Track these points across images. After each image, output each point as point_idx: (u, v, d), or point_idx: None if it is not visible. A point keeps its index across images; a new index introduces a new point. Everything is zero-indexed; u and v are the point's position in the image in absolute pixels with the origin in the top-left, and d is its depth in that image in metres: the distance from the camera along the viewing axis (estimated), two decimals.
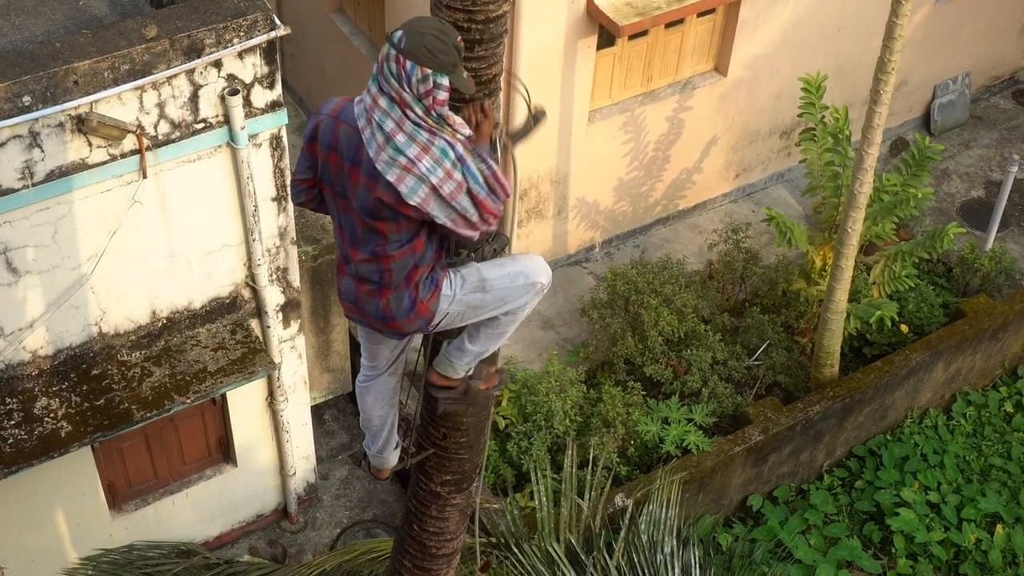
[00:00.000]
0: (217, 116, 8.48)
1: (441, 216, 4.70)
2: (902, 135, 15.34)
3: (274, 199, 9.22)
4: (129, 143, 8.21)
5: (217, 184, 8.83)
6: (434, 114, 4.57)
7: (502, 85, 5.05)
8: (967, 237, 13.76)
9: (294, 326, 10.10)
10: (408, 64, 4.49)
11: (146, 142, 8.24)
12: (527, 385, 11.17)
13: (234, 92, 8.37)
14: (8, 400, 8.81)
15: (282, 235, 9.48)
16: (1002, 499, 11.97)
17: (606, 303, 12.01)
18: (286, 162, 9.10)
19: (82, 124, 7.87)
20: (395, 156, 4.59)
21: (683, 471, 10.66)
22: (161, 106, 8.18)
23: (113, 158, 8.20)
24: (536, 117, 5.26)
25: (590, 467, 9.87)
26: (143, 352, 9.27)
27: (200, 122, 8.43)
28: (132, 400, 8.97)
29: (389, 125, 4.60)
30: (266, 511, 11.33)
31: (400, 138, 4.59)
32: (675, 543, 9.48)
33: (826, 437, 11.89)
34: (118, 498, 10.31)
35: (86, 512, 10.02)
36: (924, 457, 12.27)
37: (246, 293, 9.58)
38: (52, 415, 8.80)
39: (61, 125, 7.84)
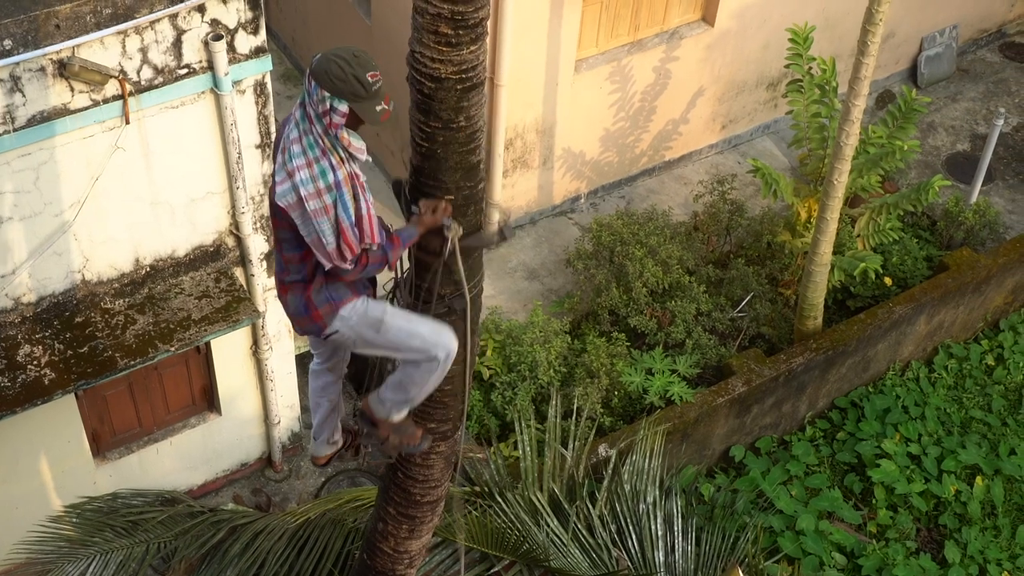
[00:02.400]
0: (200, 62, 8.40)
1: (302, 230, 4.97)
2: (888, 87, 15.31)
3: (258, 146, 9.16)
4: (112, 88, 8.14)
5: (201, 131, 8.77)
6: (331, 134, 4.87)
7: (488, 30, 5.00)
8: (952, 190, 13.78)
9: None
10: (312, 84, 4.83)
11: (129, 87, 8.17)
12: (511, 335, 11.19)
13: (218, 37, 8.30)
14: None
15: (266, 183, 9.43)
16: (982, 451, 12.07)
17: (591, 254, 12.01)
18: (270, 109, 9.03)
19: (64, 69, 7.79)
20: (286, 162, 4.92)
21: (666, 422, 10.71)
22: (144, 51, 8.10)
23: (95, 103, 8.13)
24: (503, 233, 5.49)
25: (574, 417, 9.91)
26: (127, 300, 9.23)
27: (183, 68, 8.36)
28: (116, 348, 8.95)
29: (294, 134, 4.92)
30: (250, 460, 11.35)
31: (295, 148, 4.90)
32: (658, 493, 9.54)
33: (808, 389, 11.95)
34: (102, 446, 10.31)
35: (70, 460, 10.02)
36: (905, 409, 12.35)
37: (230, 241, 9.55)
38: (35, 362, 8.77)
39: (42, 69, 7.76)
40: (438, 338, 5.32)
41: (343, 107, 4.82)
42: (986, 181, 13.96)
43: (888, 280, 12.42)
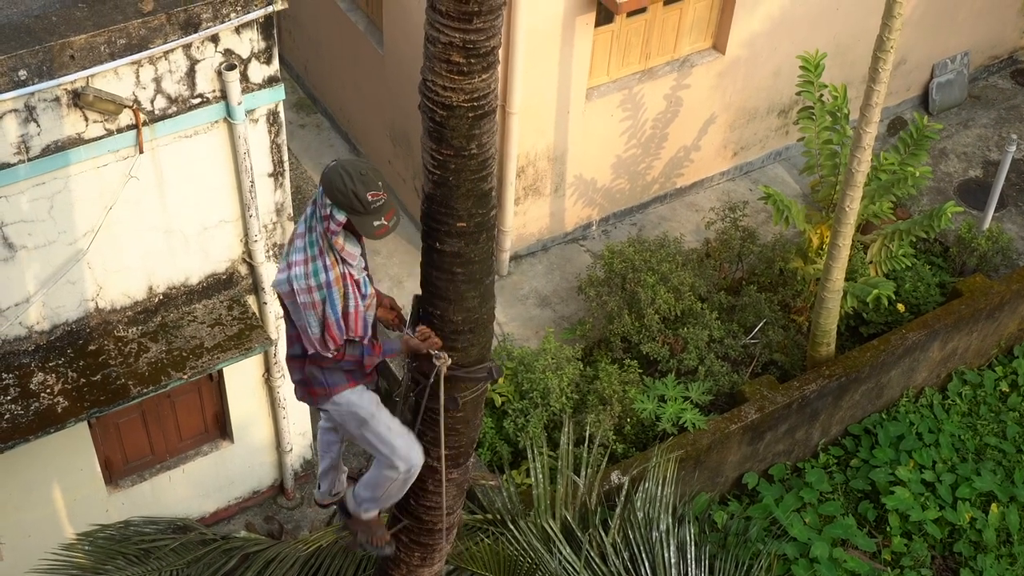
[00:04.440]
0: (214, 91, 8.45)
1: (293, 316, 5.39)
2: (900, 114, 15.32)
3: (271, 175, 9.20)
4: (125, 118, 8.19)
5: (214, 160, 8.81)
6: (328, 238, 5.18)
7: (500, 58, 5.03)
8: (964, 217, 13.76)
9: None
10: (320, 189, 5.13)
11: (143, 117, 8.22)
12: (524, 362, 11.18)
13: (231, 67, 8.35)
14: (4, 375, 8.81)
15: (279, 211, 9.46)
16: (997, 478, 12.00)
17: (603, 281, 12.01)
18: (283, 138, 9.08)
19: (78, 99, 7.84)
20: (288, 253, 5.31)
21: (679, 449, 10.67)
22: (158, 81, 8.15)
23: (109, 133, 8.18)
24: (492, 373, 5.78)
25: (586, 444, 9.88)
26: (140, 328, 9.26)
27: (197, 97, 8.41)
28: (129, 376, 8.97)
29: (300, 228, 5.27)
30: (262, 487, 11.35)
31: (298, 242, 5.27)
32: (671, 520, 9.50)
33: (822, 415, 11.91)
34: (115, 474, 10.32)
35: (82, 488, 10.03)
36: (919, 436, 12.30)
37: (243, 269, 9.58)
38: (48, 390, 8.80)
39: (57, 99, 7.82)
40: (407, 453, 5.77)
41: (341, 217, 5.10)
42: (999, 207, 13.94)
43: (901, 307, 12.40)
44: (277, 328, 10.04)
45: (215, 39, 8.21)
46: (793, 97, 13.49)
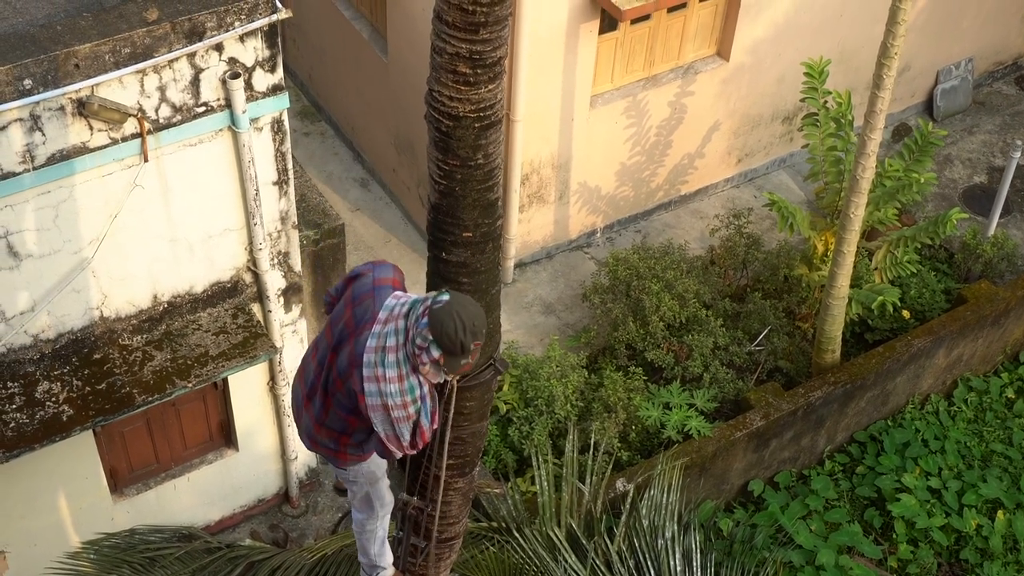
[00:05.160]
0: (218, 100, 8.46)
1: (378, 426, 5.40)
2: (904, 120, 15.31)
3: (275, 183, 9.20)
4: (130, 127, 8.19)
5: (218, 168, 8.81)
6: (419, 365, 5.21)
7: (506, 68, 5.03)
8: (969, 223, 13.74)
9: (295, 310, 10.09)
10: (424, 320, 5.10)
11: (147, 125, 8.23)
12: (528, 370, 11.17)
13: (235, 75, 8.35)
14: (10, 384, 8.81)
15: (283, 219, 9.47)
16: (1003, 485, 11.98)
17: (607, 288, 12.01)
18: (287, 146, 9.07)
19: (83, 107, 7.85)
20: (378, 363, 5.24)
21: (684, 456, 10.66)
22: (162, 89, 8.16)
23: (114, 141, 8.19)
24: (497, 367, 5.86)
25: (591, 452, 9.87)
26: (144, 336, 9.26)
27: (201, 106, 8.41)
28: (134, 384, 8.97)
29: (391, 341, 5.22)
30: (267, 495, 11.34)
31: (391, 357, 5.22)
32: (676, 528, 9.48)
33: (827, 422, 11.89)
34: (120, 482, 10.32)
35: (88, 496, 10.03)
36: (925, 443, 12.28)
37: (247, 277, 9.57)
38: (54, 399, 8.80)
39: (62, 108, 7.82)
40: (389, 501, 6.45)
41: (436, 354, 5.11)
42: (1004, 213, 13.93)
43: (906, 313, 12.38)
44: (282, 336, 10.04)
45: (219, 48, 8.21)
46: (797, 104, 13.49)
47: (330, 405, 5.60)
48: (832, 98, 11.74)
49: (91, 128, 8.04)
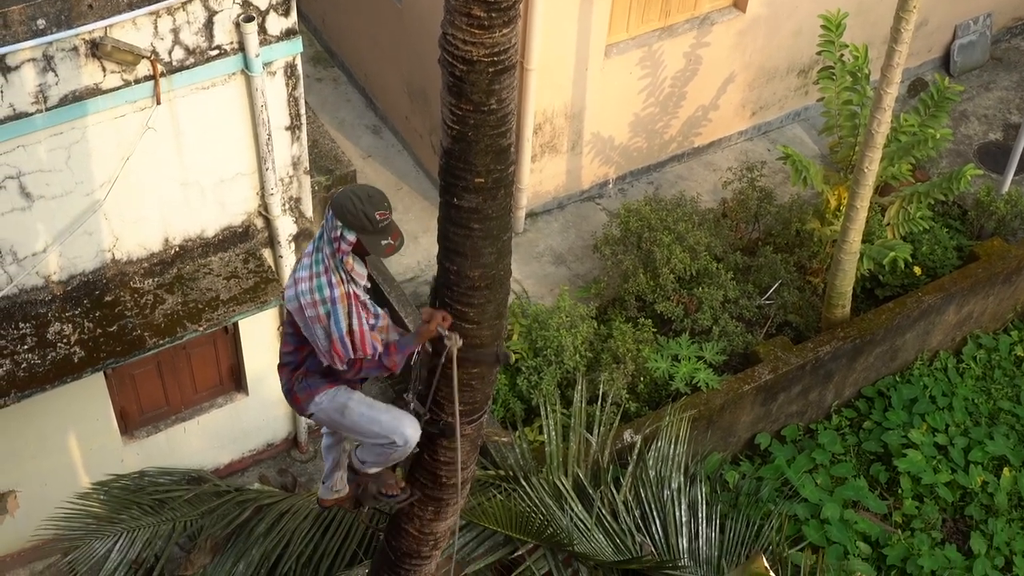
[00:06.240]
0: (232, 43, 8.42)
1: (305, 331, 5.73)
2: (921, 75, 15.20)
3: (287, 128, 9.18)
4: (143, 69, 8.17)
5: (231, 112, 8.79)
6: (338, 258, 5.53)
7: (520, 13, 4.99)
8: (983, 180, 13.67)
9: None
10: (330, 212, 5.49)
11: (160, 68, 8.20)
12: (538, 320, 11.18)
13: (249, 19, 8.31)
14: (22, 325, 8.85)
15: (295, 164, 9.45)
16: (1010, 442, 12.00)
17: (619, 239, 11.99)
18: (300, 91, 9.04)
19: (96, 49, 7.82)
20: (296, 271, 5.68)
21: (692, 408, 10.69)
22: (175, 32, 8.13)
23: (127, 84, 8.17)
24: (499, 356, 5.94)
25: (599, 403, 9.90)
26: (156, 279, 9.28)
27: (214, 49, 8.38)
28: (145, 327, 9.00)
29: (308, 248, 5.65)
30: (276, 440, 11.41)
31: (305, 260, 5.64)
32: (682, 479, 9.54)
33: (835, 377, 11.91)
34: (130, 424, 10.38)
35: (98, 438, 10.09)
36: (933, 399, 12.29)
37: (259, 222, 9.58)
38: (65, 340, 8.84)
39: (75, 49, 7.80)
40: (397, 423, 5.97)
41: (351, 236, 5.44)
42: (1018, 171, 13.83)
43: (918, 269, 12.35)
44: None
45: None
46: (813, 57, 13.39)
47: (284, 342, 6.00)
48: (849, 51, 11.65)
49: (104, 70, 8.01)
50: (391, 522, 6.90)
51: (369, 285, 5.86)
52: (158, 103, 8.36)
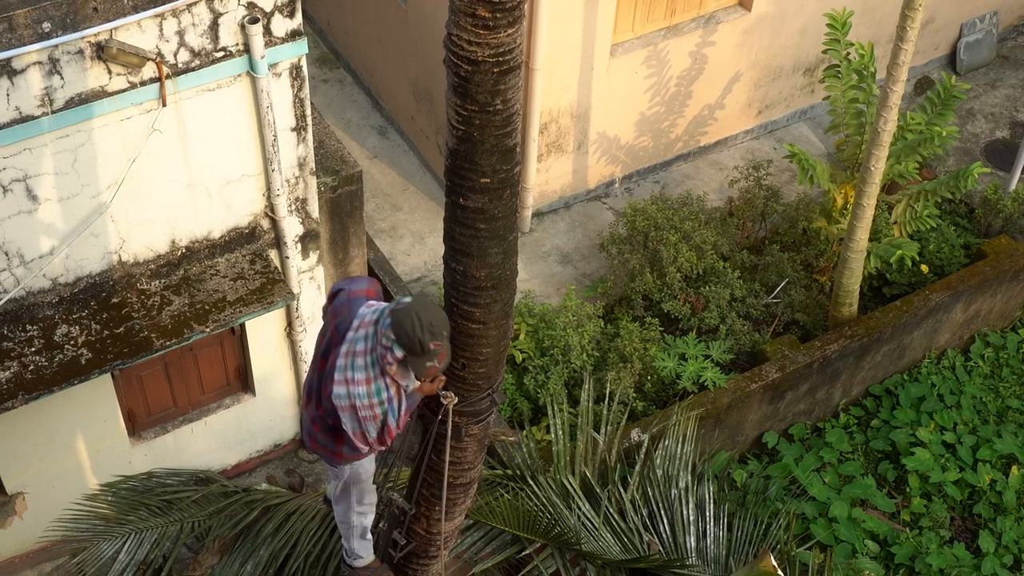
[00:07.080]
0: (237, 45, 8.43)
1: (346, 424, 5.80)
2: (927, 74, 15.17)
3: (293, 129, 9.19)
4: (149, 71, 8.18)
5: (236, 113, 8.80)
6: (385, 366, 5.60)
7: (525, 13, 4.99)
8: (990, 178, 13.65)
9: (313, 257, 10.10)
10: (388, 320, 5.52)
11: (166, 70, 8.21)
12: (545, 319, 11.18)
13: (254, 20, 8.32)
14: (29, 327, 8.86)
15: (301, 165, 9.46)
16: (1018, 440, 11.98)
17: (625, 239, 11.98)
18: (306, 92, 9.05)
19: (102, 51, 7.83)
20: (347, 367, 5.68)
21: (699, 407, 10.68)
22: (181, 34, 8.13)
23: (133, 86, 8.17)
24: (494, 400, 6.14)
25: (606, 402, 9.90)
26: (162, 281, 9.30)
27: (220, 50, 8.38)
28: (152, 328, 9.01)
29: (360, 346, 5.67)
30: (284, 441, 11.42)
31: (359, 360, 5.66)
32: (690, 478, 9.52)
33: (843, 376, 11.89)
34: (138, 426, 10.40)
35: (106, 439, 10.11)
36: (941, 397, 12.27)
37: (265, 223, 9.58)
38: (72, 342, 8.85)
39: (81, 52, 7.81)
40: (372, 500, 6.81)
41: (399, 353, 5.48)
42: None
43: (925, 268, 12.33)
44: (299, 282, 10.07)
45: None
46: (819, 55, 13.38)
47: (323, 408, 6.02)
48: (855, 50, 11.63)
49: (110, 72, 8.02)
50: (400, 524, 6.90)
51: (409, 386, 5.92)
52: (164, 105, 8.37)
